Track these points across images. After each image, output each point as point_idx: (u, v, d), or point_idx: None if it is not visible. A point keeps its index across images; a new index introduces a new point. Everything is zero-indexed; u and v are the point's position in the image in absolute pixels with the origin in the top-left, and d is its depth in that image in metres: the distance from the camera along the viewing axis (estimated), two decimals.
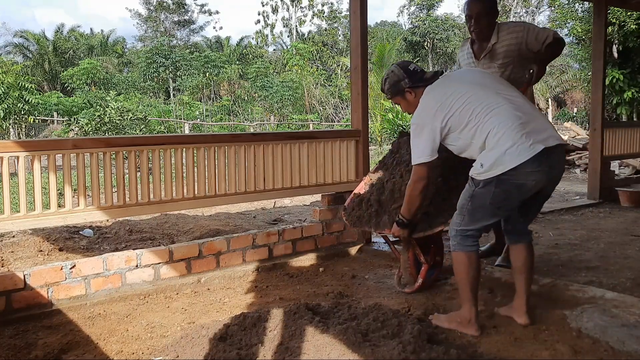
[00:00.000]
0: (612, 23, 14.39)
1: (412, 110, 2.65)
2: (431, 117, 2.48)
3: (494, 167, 2.31)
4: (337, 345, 2.13)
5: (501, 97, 2.44)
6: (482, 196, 2.39)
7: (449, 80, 2.63)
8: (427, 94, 2.57)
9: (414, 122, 2.56)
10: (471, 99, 2.44)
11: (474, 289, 2.47)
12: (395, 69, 2.69)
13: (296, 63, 23.97)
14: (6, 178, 2.98)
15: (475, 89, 2.48)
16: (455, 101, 2.45)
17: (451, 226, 2.54)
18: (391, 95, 2.73)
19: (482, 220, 2.47)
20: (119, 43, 35.71)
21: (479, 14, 3.28)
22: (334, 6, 32.32)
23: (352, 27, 4.15)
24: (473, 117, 2.40)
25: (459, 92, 2.47)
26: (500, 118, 2.35)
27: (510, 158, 2.27)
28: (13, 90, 13.68)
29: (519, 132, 2.30)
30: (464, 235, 2.48)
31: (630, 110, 15.80)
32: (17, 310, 2.78)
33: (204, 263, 3.41)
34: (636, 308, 2.65)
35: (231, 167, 3.64)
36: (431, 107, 2.50)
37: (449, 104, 2.46)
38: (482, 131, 2.37)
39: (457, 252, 2.50)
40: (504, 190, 2.34)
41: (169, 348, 2.37)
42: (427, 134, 2.49)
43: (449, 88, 2.54)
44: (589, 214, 5.54)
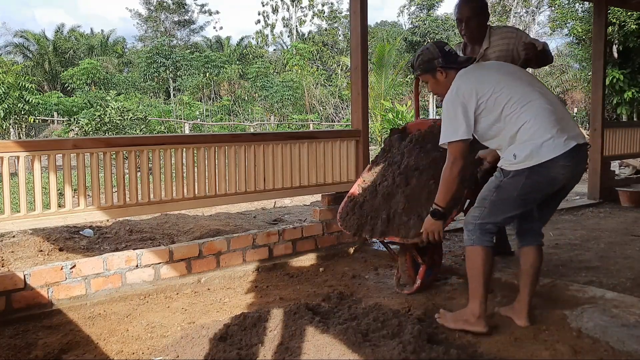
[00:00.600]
0: (612, 23, 14.39)
1: (440, 90, 2.64)
2: (467, 96, 2.43)
3: (529, 158, 2.29)
4: (337, 345, 2.13)
5: (536, 91, 2.43)
6: (510, 187, 2.36)
7: (484, 67, 2.66)
8: (463, 76, 2.54)
9: (448, 101, 2.50)
10: (507, 86, 2.42)
11: (486, 286, 2.45)
12: (431, 47, 2.66)
13: (296, 63, 23.96)
14: (6, 178, 2.98)
15: (510, 79, 2.48)
16: (491, 85, 2.43)
17: (468, 220, 2.51)
18: (421, 72, 2.68)
19: (503, 213, 2.44)
20: (119, 43, 35.68)
21: (469, 17, 3.29)
22: (334, 6, 32.31)
23: (352, 27, 4.15)
24: (509, 105, 2.37)
25: (495, 79, 2.46)
26: (536, 111, 2.34)
27: (546, 150, 2.27)
28: (13, 90, 13.67)
29: (555, 127, 2.30)
30: (483, 229, 2.44)
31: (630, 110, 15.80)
32: (17, 310, 2.78)
33: (204, 263, 3.41)
34: (636, 308, 2.65)
35: (231, 167, 3.64)
36: (467, 87, 2.46)
37: (485, 86, 2.43)
38: (516, 121, 2.35)
39: (475, 247, 2.46)
40: (535, 182, 2.33)
41: (169, 348, 2.37)
42: (461, 113, 2.43)
43: (485, 72, 2.54)
44: (589, 214, 5.54)
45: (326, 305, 2.63)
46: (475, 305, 2.44)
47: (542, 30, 27.27)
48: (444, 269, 3.50)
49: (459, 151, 2.46)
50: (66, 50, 32.69)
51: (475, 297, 2.44)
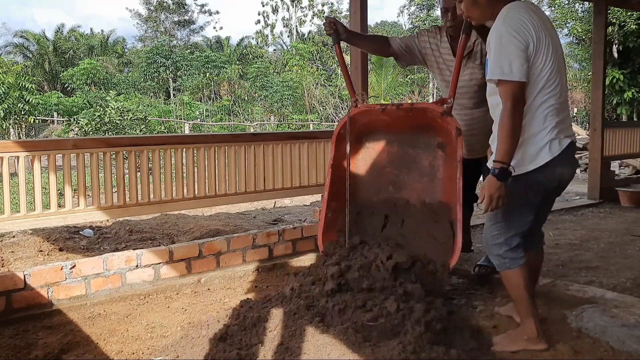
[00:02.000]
0: (612, 23, 14.40)
1: (476, 12, 2.26)
2: (527, 32, 2.08)
3: (527, 160, 2.15)
4: (337, 345, 2.13)
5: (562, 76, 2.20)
6: (516, 192, 2.17)
7: (541, 16, 2.21)
8: (522, 8, 2.15)
9: (500, 30, 2.10)
10: (555, 58, 2.15)
11: (533, 301, 2.27)
12: None
13: (296, 63, 23.95)
14: (6, 178, 2.98)
15: (558, 49, 2.20)
16: (547, 44, 2.13)
17: (492, 243, 2.27)
18: None
19: (520, 219, 2.24)
20: (119, 43, 35.71)
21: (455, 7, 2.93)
22: (334, 6, 32.29)
23: (352, 27, 4.14)
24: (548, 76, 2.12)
25: (549, 40, 2.15)
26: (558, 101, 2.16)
27: (544, 153, 2.14)
28: (13, 90, 13.68)
29: (559, 125, 2.17)
30: (512, 245, 2.23)
31: (630, 110, 15.81)
32: (17, 310, 2.77)
33: (204, 263, 3.41)
34: (636, 308, 2.65)
35: (231, 167, 3.64)
36: (528, 23, 2.10)
37: (543, 40, 2.12)
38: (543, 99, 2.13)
39: (511, 271, 2.24)
40: (537, 182, 2.19)
41: (169, 348, 2.37)
42: (516, 47, 2.06)
43: (542, 23, 2.16)
44: (589, 214, 5.54)
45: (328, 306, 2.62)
46: (531, 324, 2.25)
47: None
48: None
49: (518, 92, 2.07)
50: (66, 50, 32.72)
51: (529, 316, 2.25)
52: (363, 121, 3.16)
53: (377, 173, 3.26)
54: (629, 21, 14.29)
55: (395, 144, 3.23)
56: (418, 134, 3.16)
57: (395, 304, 2.30)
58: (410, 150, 3.20)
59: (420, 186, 3.16)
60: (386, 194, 3.21)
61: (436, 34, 3.24)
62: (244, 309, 2.57)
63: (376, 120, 3.17)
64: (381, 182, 3.25)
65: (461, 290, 3.09)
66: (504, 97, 2.09)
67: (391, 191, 3.21)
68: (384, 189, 3.24)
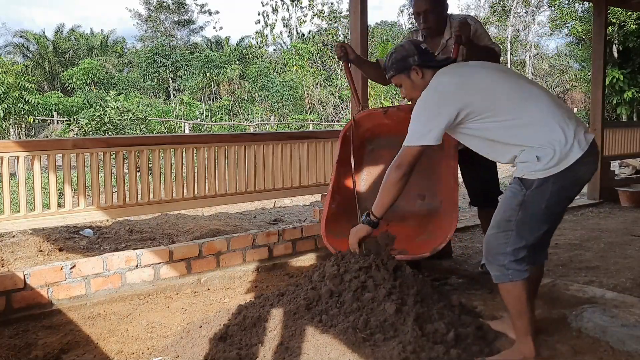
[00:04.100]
0: (612, 23, 14.41)
1: (415, 94, 2.32)
2: (447, 97, 2.14)
3: (553, 160, 2.00)
4: (337, 345, 2.13)
5: (535, 87, 2.19)
6: (537, 199, 2.05)
7: (467, 65, 2.36)
8: (443, 74, 2.25)
9: (422, 100, 2.20)
10: (500, 82, 2.16)
11: (531, 318, 2.16)
12: (406, 44, 2.38)
13: (296, 63, 23.96)
14: (6, 178, 2.98)
15: (502, 75, 2.22)
16: (480, 82, 2.16)
17: (496, 252, 2.13)
18: (395, 72, 2.37)
19: (533, 231, 2.11)
20: (119, 43, 35.72)
21: (427, 10, 3.12)
22: (334, 6, 32.25)
23: (352, 27, 4.15)
24: (507, 106, 2.09)
25: (483, 75, 2.20)
26: (545, 106, 2.08)
27: (572, 150, 2.00)
28: (13, 90, 13.68)
29: (571, 123, 2.06)
30: (517, 257, 2.09)
31: (630, 110, 15.83)
32: (17, 310, 2.78)
33: (204, 263, 3.41)
34: (636, 308, 2.65)
35: (231, 167, 3.64)
36: (447, 86, 2.18)
37: (472, 83, 2.16)
38: (523, 123, 2.06)
39: (514, 283, 2.10)
40: (562, 187, 2.04)
41: (169, 348, 2.37)
42: (435, 115, 2.13)
43: (469, 69, 2.27)
44: (589, 214, 5.54)
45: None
46: (529, 342, 2.15)
47: (542, 30, 27.29)
48: (443, 269, 3.50)
49: (411, 157, 2.20)
50: (66, 50, 32.74)
51: (528, 334, 2.15)
52: (367, 126, 3.32)
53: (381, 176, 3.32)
54: (629, 21, 14.30)
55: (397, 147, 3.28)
56: None
57: (394, 305, 2.30)
58: None
59: (420, 184, 3.19)
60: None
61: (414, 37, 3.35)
62: (244, 308, 2.57)
63: (379, 125, 3.32)
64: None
65: (461, 290, 3.09)
66: (398, 155, 2.23)
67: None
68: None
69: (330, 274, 2.51)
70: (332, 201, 3.18)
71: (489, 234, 2.18)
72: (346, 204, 3.21)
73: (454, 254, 3.84)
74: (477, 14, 28.03)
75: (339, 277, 2.49)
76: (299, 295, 2.49)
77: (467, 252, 3.91)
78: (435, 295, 2.60)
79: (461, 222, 4.83)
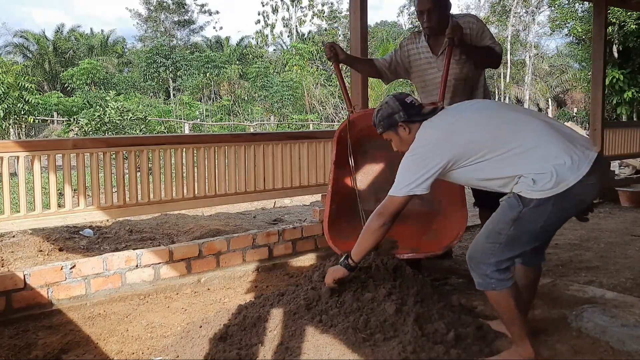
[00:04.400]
0: (612, 23, 14.42)
1: (404, 148, 2.31)
2: (432, 150, 2.15)
3: (551, 182, 1.96)
4: (337, 345, 2.13)
5: (521, 113, 2.17)
6: (533, 218, 2.02)
7: (452, 112, 2.32)
8: (427, 127, 2.25)
9: (410, 153, 2.21)
10: (484, 123, 2.14)
11: (524, 321, 2.16)
12: (390, 100, 2.38)
13: (296, 63, 23.96)
14: (6, 178, 2.98)
15: (487, 113, 2.20)
16: (464, 129, 2.14)
17: (478, 260, 2.12)
18: (382, 130, 2.39)
19: (522, 247, 2.10)
20: (119, 43, 35.73)
21: (431, 8, 3.14)
22: (334, 6, 32.26)
23: (352, 27, 4.15)
24: (496, 144, 2.06)
25: (467, 120, 2.18)
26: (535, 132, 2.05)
27: (572, 171, 1.95)
28: (13, 90, 13.68)
29: (568, 143, 2.01)
30: (501, 269, 2.08)
31: (630, 110, 15.84)
32: (17, 310, 2.77)
33: (204, 263, 3.41)
34: (636, 308, 2.65)
35: (231, 167, 3.64)
36: (432, 138, 2.18)
37: (457, 133, 2.15)
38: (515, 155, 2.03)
39: (499, 292, 2.10)
40: (562, 209, 2.01)
41: (169, 348, 2.37)
42: (421, 167, 2.13)
43: (454, 117, 2.24)
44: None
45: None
46: (527, 345, 2.14)
47: (542, 30, 27.30)
48: (443, 269, 3.50)
49: (393, 208, 2.19)
50: (66, 50, 32.75)
51: (520, 337, 2.15)
52: (361, 126, 3.27)
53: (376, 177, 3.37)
54: (629, 21, 14.30)
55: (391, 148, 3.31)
56: None
57: (394, 305, 2.30)
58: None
59: None
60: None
61: (414, 39, 3.39)
62: (244, 308, 2.57)
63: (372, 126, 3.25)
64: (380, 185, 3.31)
65: (461, 290, 3.09)
66: (382, 204, 2.23)
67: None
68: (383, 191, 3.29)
69: None
70: (332, 203, 3.19)
71: (476, 241, 2.16)
72: (345, 205, 3.22)
73: (454, 254, 3.84)
74: (477, 14, 28.01)
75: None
76: (299, 295, 2.49)
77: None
78: (435, 295, 2.60)
79: None
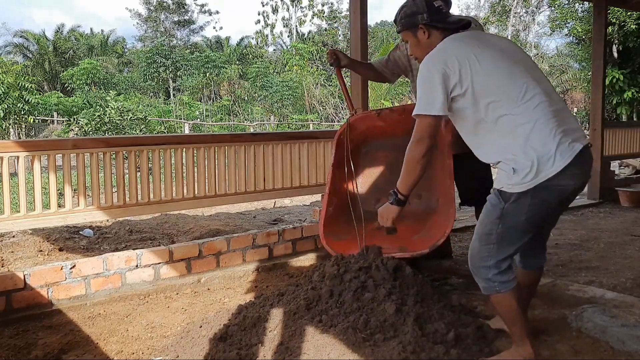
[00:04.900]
0: (612, 23, 14.42)
1: (419, 52, 2.23)
2: (450, 66, 2.03)
3: (533, 174, 1.92)
4: (337, 345, 2.13)
5: (535, 82, 2.04)
6: (515, 212, 1.99)
7: (477, 36, 2.21)
8: (450, 41, 2.13)
9: (426, 66, 2.09)
10: (501, 68, 2.04)
11: (527, 321, 2.15)
12: (418, 0, 2.24)
13: (296, 63, 23.96)
14: (6, 178, 2.98)
15: (507, 60, 2.07)
16: (481, 61, 2.03)
17: (478, 265, 2.10)
18: (402, 28, 2.27)
19: (515, 242, 2.06)
20: (119, 43, 35.73)
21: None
22: (334, 6, 32.23)
23: (352, 27, 4.15)
24: (499, 94, 1.99)
25: (488, 54, 2.05)
26: (537, 110, 1.97)
27: (552, 162, 1.91)
28: (13, 90, 13.68)
29: (559, 130, 1.95)
30: (501, 269, 2.06)
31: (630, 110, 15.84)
32: (17, 310, 2.78)
33: (204, 263, 3.41)
34: (636, 308, 2.65)
35: (231, 167, 3.64)
36: (452, 55, 2.05)
37: (473, 59, 2.03)
38: (508, 121, 1.97)
39: (501, 295, 2.07)
40: (543, 200, 1.97)
41: (169, 348, 2.37)
42: (440, 84, 2.02)
43: (477, 42, 2.12)
44: (589, 214, 5.54)
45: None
46: (527, 345, 2.11)
47: (542, 30, 27.29)
48: (443, 269, 3.50)
49: (427, 128, 2.07)
50: (66, 50, 32.75)
51: (524, 337, 2.11)
52: (361, 128, 3.34)
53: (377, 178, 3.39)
54: (629, 21, 14.30)
55: (391, 149, 3.35)
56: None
57: (394, 305, 2.30)
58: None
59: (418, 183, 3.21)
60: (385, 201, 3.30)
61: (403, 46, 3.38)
62: (244, 308, 2.57)
63: (373, 127, 3.35)
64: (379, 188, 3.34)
65: (461, 290, 3.09)
66: (415, 130, 2.11)
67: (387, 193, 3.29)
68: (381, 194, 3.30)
69: (330, 274, 2.51)
70: (329, 204, 3.20)
71: (472, 246, 2.15)
72: (343, 207, 3.23)
73: (454, 254, 3.84)
74: (477, 14, 28.02)
75: (339, 277, 2.50)
76: (299, 295, 2.49)
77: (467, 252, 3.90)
78: (435, 295, 2.60)
79: (461, 222, 4.83)
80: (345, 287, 2.43)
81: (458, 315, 2.47)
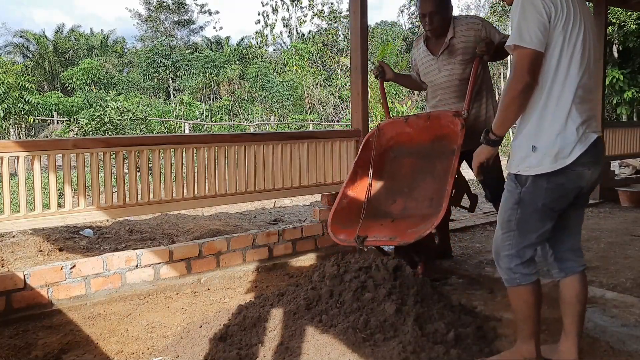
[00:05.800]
0: (612, 23, 14.41)
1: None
2: (548, 4, 1.89)
3: (549, 157, 1.90)
4: (337, 345, 2.13)
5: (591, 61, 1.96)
6: (533, 196, 1.96)
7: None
8: None
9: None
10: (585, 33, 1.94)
11: (538, 322, 2.09)
12: None
13: (296, 63, 23.96)
14: (6, 178, 2.98)
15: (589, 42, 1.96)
16: (577, 16, 1.93)
17: (502, 255, 2.06)
18: None
19: (536, 229, 2.01)
20: (119, 43, 35.73)
21: (432, 12, 3.23)
22: (334, 6, 32.25)
23: (352, 27, 4.15)
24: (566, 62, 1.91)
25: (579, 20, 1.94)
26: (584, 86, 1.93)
27: (571, 149, 1.89)
28: (13, 90, 13.67)
29: (583, 115, 1.92)
30: (524, 259, 2.02)
31: (630, 110, 15.83)
32: (17, 310, 2.78)
33: (204, 263, 3.41)
34: (636, 308, 2.65)
35: (231, 167, 3.64)
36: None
37: (570, 10, 1.92)
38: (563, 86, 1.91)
39: (521, 287, 2.03)
40: (559, 185, 1.94)
41: (169, 348, 2.37)
42: (536, 18, 1.88)
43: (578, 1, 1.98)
44: (589, 214, 5.53)
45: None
46: (531, 346, 2.07)
47: None
48: (443, 269, 3.51)
49: (527, 62, 1.88)
50: (66, 50, 32.74)
51: (531, 337, 2.07)
52: (391, 134, 3.50)
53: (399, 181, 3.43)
54: (629, 21, 14.30)
55: (417, 156, 3.45)
56: (436, 144, 3.35)
57: (394, 305, 2.30)
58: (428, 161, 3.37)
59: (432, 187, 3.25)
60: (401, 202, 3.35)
61: (417, 44, 3.58)
62: (244, 308, 2.57)
63: (401, 134, 3.49)
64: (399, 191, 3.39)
65: (461, 290, 3.10)
66: (513, 65, 1.93)
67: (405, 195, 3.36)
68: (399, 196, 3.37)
69: (330, 274, 2.52)
70: (343, 197, 3.30)
71: (495, 236, 2.12)
72: (355, 204, 3.29)
73: (454, 254, 3.84)
74: (477, 14, 28.03)
75: (339, 277, 2.50)
76: (299, 295, 2.49)
77: (467, 252, 3.91)
78: (435, 295, 2.60)
79: (461, 222, 4.83)
80: (345, 287, 2.43)
81: (458, 315, 2.48)
